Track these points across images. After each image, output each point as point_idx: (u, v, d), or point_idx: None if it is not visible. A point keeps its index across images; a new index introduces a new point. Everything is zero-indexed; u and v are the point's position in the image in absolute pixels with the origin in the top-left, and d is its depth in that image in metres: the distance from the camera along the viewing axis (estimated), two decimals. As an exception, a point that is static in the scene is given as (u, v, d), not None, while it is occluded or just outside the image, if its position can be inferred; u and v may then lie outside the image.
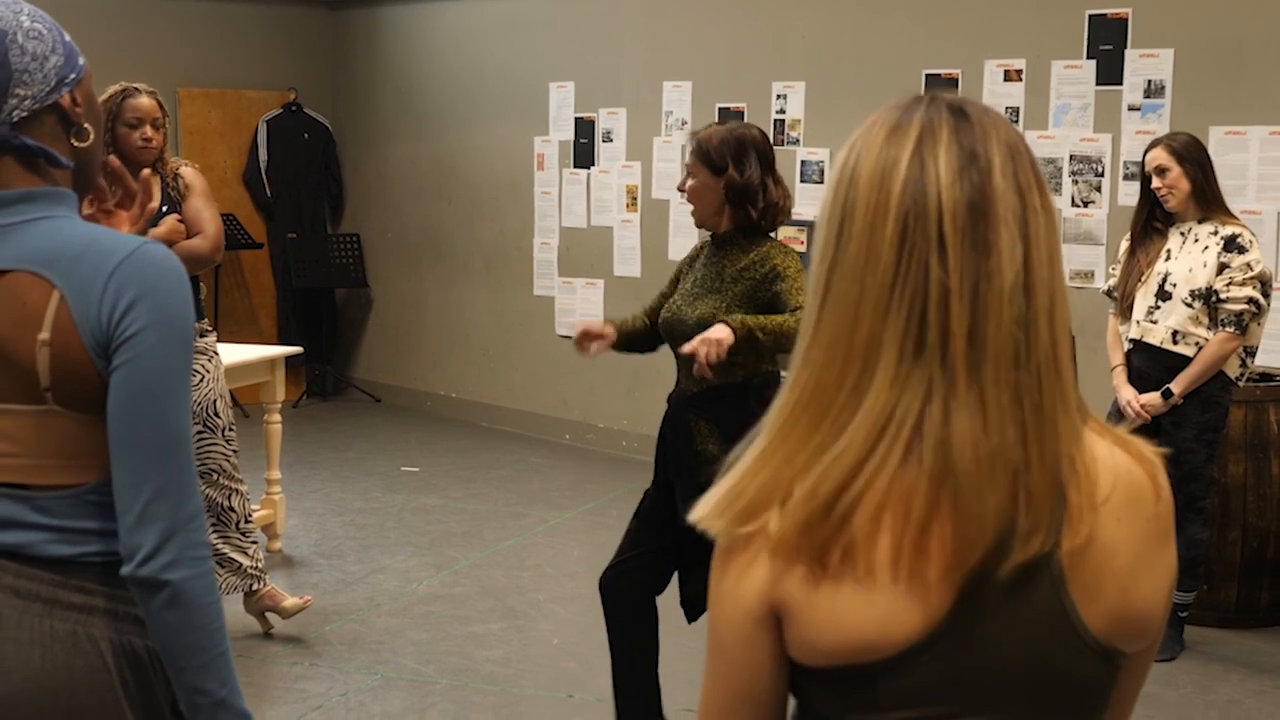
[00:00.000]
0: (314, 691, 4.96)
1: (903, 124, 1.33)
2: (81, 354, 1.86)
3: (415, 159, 10.16)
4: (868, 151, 1.34)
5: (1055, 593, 1.30)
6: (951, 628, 1.30)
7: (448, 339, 10.10)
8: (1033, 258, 1.30)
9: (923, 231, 1.29)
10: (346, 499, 7.72)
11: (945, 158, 1.30)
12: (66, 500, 1.92)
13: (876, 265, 1.30)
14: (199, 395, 5.28)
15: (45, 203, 1.93)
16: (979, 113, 1.35)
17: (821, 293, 1.34)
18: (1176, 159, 5.06)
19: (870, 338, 1.30)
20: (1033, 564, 1.29)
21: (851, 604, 1.29)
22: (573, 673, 5.18)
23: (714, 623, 1.40)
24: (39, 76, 1.91)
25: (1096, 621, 1.32)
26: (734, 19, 8.11)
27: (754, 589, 1.34)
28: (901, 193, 1.30)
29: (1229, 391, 5.17)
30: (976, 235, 1.29)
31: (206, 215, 5.27)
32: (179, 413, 1.88)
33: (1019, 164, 1.32)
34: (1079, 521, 1.30)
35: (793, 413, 1.33)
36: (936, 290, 1.28)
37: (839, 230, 1.34)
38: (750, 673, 1.38)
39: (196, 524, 1.88)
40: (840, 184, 1.35)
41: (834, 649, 1.32)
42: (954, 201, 1.29)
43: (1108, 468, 1.33)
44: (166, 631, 1.87)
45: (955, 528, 1.28)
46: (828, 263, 1.34)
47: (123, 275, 1.86)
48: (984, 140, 1.32)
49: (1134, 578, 1.33)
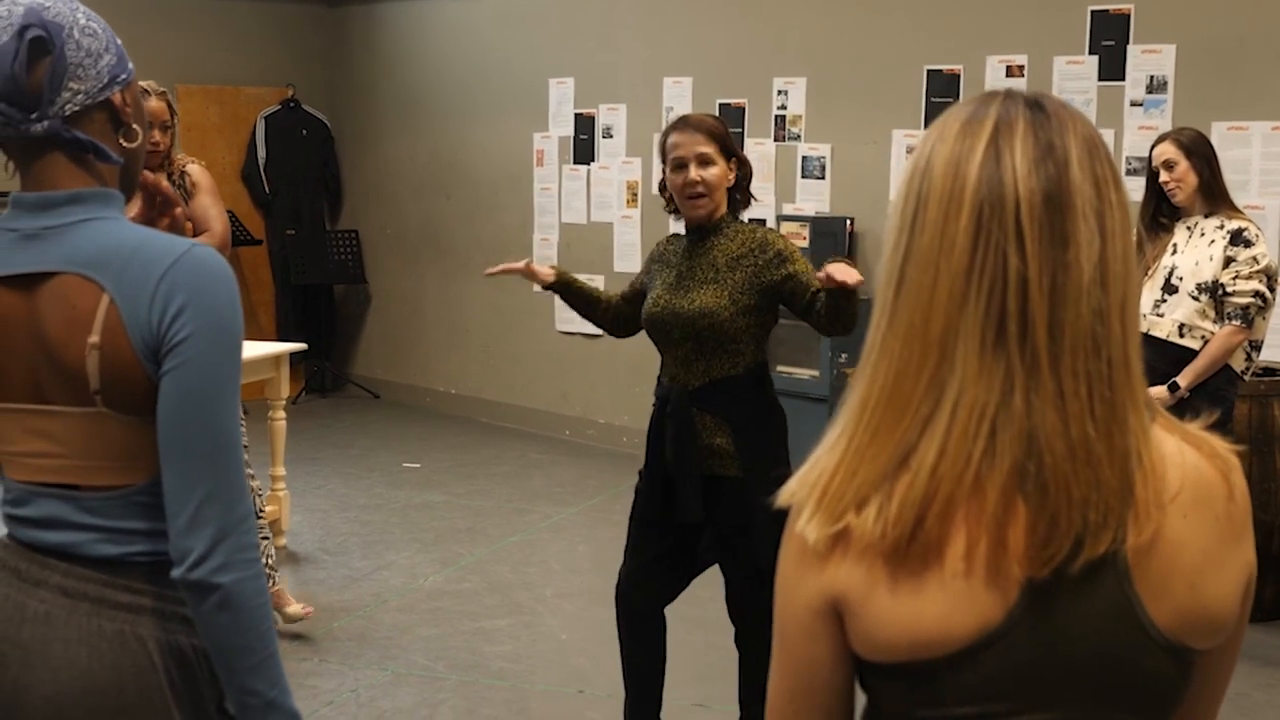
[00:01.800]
0: (325, 688, 4.97)
1: (978, 116, 1.34)
2: (131, 357, 1.86)
3: (414, 155, 10.15)
4: (942, 142, 1.34)
5: (1121, 588, 1.31)
6: (1017, 623, 1.30)
7: (447, 335, 10.10)
8: (1108, 252, 1.30)
9: (999, 221, 1.29)
10: (350, 495, 7.73)
11: (1022, 149, 1.30)
12: (114, 501, 1.93)
13: (951, 254, 1.30)
14: None
15: (93, 204, 1.94)
16: (1056, 106, 1.35)
17: (896, 282, 1.34)
18: (1184, 153, 5.09)
19: (946, 327, 1.30)
20: (1099, 560, 1.29)
21: (917, 599, 1.30)
22: (582, 668, 5.19)
23: (779, 614, 1.41)
24: (93, 73, 1.92)
25: (1164, 618, 1.32)
26: (734, 14, 8.12)
27: (818, 583, 1.35)
28: (977, 182, 1.30)
29: (1235, 385, 5.20)
30: (1054, 227, 1.29)
31: (214, 213, 5.28)
32: (229, 416, 1.89)
33: (1096, 158, 1.32)
34: (1145, 518, 1.30)
35: (875, 406, 1.33)
36: (1015, 280, 1.28)
37: (913, 219, 1.34)
38: (811, 665, 1.39)
39: (247, 526, 1.89)
40: (915, 173, 1.35)
41: (896, 644, 1.32)
42: (1030, 192, 1.29)
43: (1176, 465, 1.34)
44: (217, 634, 1.88)
45: (1036, 522, 1.28)
46: (901, 251, 1.34)
47: (173, 279, 1.86)
48: (1061, 133, 1.32)
49: (1203, 575, 1.33)
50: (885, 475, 1.31)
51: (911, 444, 1.31)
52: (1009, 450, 1.28)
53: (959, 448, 1.28)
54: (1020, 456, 1.28)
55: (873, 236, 7.45)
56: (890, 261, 1.36)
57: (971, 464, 1.28)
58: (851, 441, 1.34)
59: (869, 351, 1.36)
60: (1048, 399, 1.28)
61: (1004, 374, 1.29)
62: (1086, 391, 1.28)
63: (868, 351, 1.37)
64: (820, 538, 1.33)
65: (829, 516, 1.33)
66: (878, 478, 1.31)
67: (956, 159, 1.32)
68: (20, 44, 1.86)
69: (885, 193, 7.42)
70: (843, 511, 1.32)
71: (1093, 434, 1.28)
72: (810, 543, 1.34)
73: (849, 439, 1.35)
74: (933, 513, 1.29)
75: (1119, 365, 1.30)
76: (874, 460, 1.32)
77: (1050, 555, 1.28)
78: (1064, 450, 1.27)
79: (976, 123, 1.33)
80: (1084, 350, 1.28)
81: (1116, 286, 1.31)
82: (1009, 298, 1.28)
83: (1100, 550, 1.28)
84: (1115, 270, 1.31)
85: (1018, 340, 1.28)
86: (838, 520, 1.32)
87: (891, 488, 1.30)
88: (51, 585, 1.93)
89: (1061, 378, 1.28)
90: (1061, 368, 1.28)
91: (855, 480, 1.32)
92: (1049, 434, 1.27)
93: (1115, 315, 1.30)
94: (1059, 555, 1.27)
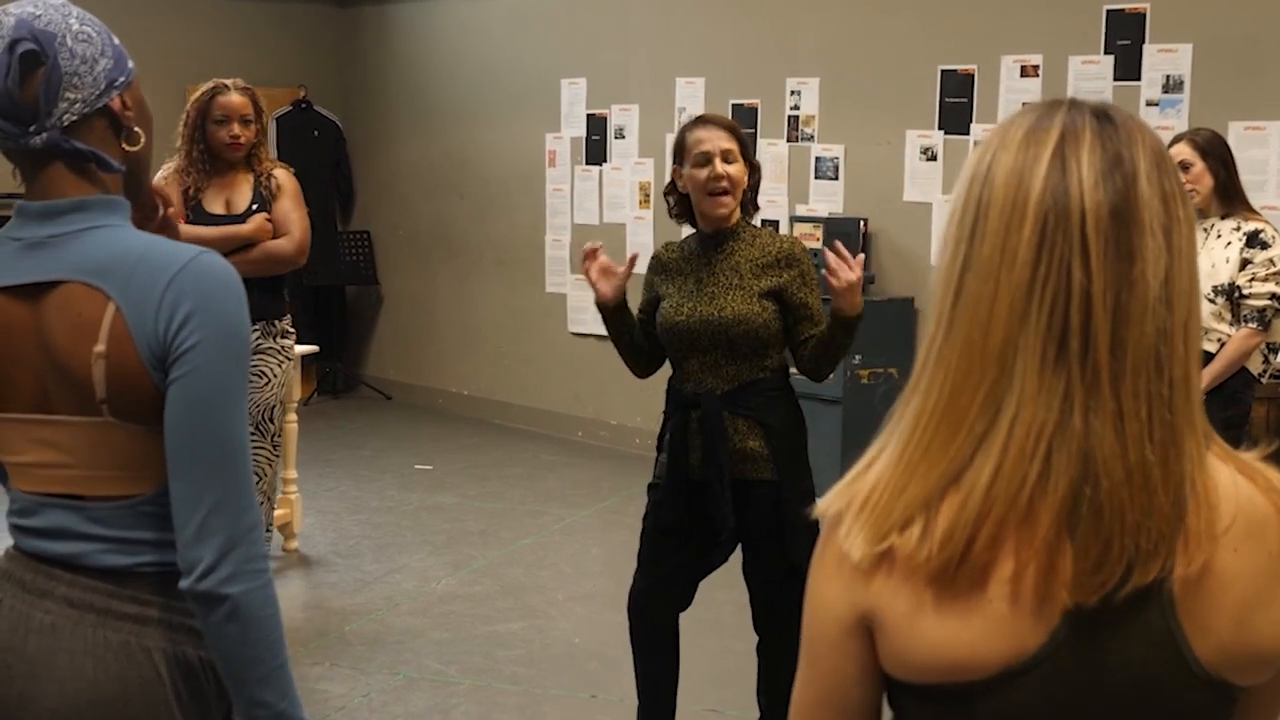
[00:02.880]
0: (336, 693, 4.95)
1: (1043, 124, 1.29)
2: (138, 366, 1.84)
3: (426, 156, 10.14)
4: (1004, 149, 1.30)
5: (1164, 620, 1.26)
6: (1057, 650, 1.26)
7: (459, 336, 10.08)
8: (1175, 269, 1.26)
9: (1064, 234, 1.24)
10: (362, 498, 7.71)
11: (1089, 160, 1.26)
12: (121, 511, 1.91)
13: (1013, 266, 1.26)
14: (261, 396, 5.29)
15: (98, 211, 1.91)
16: (1124, 118, 1.31)
17: (954, 293, 1.30)
18: (1200, 154, 5.05)
19: (1006, 341, 1.26)
20: (1145, 589, 1.25)
21: (957, 622, 1.26)
22: (595, 673, 5.17)
23: (808, 627, 1.38)
24: (89, 80, 1.89)
25: (1207, 653, 1.27)
26: (747, 14, 8.09)
27: (855, 599, 1.31)
28: (1042, 192, 1.26)
29: (1252, 388, 5.15)
30: (1120, 241, 1.24)
31: (294, 218, 5.35)
32: (236, 424, 1.87)
33: (1164, 172, 1.28)
34: (1196, 549, 1.26)
35: (929, 420, 1.29)
36: (1079, 295, 1.24)
37: (972, 228, 1.29)
38: (837, 680, 1.36)
39: (255, 536, 1.86)
40: (974, 180, 1.31)
41: (931, 666, 1.29)
42: (1097, 204, 1.25)
43: (1229, 496, 1.29)
44: (226, 645, 1.86)
45: (1088, 547, 1.24)
46: (960, 261, 1.30)
47: (179, 286, 1.84)
48: (1129, 145, 1.28)
49: (1250, 611, 1.28)
50: (935, 493, 1.27)
51: (965, 461, 1.27)
52: (1065, 472, 1.24)
53: (1015, 468, 1.24)
54: (1076, 479, 1.24)
55: (886, 237, 7.42)
56: (948, 271, 1.31)
57: (1027, 485, 1.24)
58: (903, 456, 1.30)
59: (923, 364, 1.32)
60: (1107, 420, 1.24)
61: (1064, 392, 1.25)
62: (1147, 413, 1.24)
63: (921, 364, 1.32)
64: (866, 555, 1.29)
65: (875, 533, 1.29)
66: (927, 495, 1.27)
67: (1020, 168, 1.27)
68: (11, 59, 1.83)
69: (899, 193, 7.39)
70: (889, 529, 1.28)
71: (1151, 458, 1.24)
72: (855, 559, 1.30)
73: (900, 453, 1.31)
74: (983, 535, 1.25)
75: (1180, 387, 1.26)
76: (925, 477, 1.28)
77: (1101, 582, 1.24)
78: (1121, 474, 1.23)
79: (1042, 131, 1.29)
80: (1146, 370, 1.24)
81: (1181, 305, 1.26)
82: (1072, 313, 1.24)
83: (1148, 579, 1.24)
84: (1181, 288, 1.26)
85: (1079, 357, 1.24)
86: (883, 538, 1.28)
87: (940, 506, 1.26)
88: (57, 596, 1.91)
89: (1122, 398, 1.24)
90: (1123, 388, 1.24)
91: (904, 497, 1.28)
92: (1107, 456, 1.23)
93: (1179, 335, 1.26)
94: (1110, 582, 1.24)
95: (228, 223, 5.20)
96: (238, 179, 5.29)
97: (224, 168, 5.27)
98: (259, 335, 5.31)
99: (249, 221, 5.20)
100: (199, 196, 5.22)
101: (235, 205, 5.26)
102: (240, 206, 5.26)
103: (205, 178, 5.22)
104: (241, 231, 5.19)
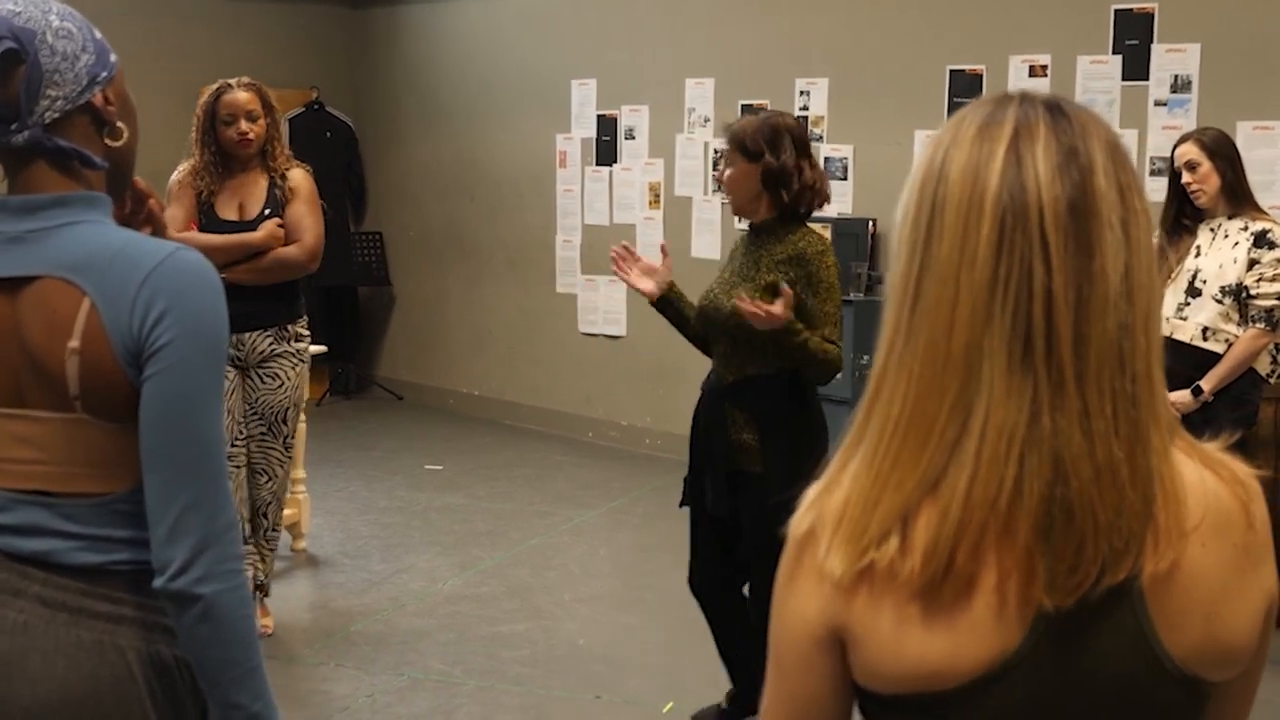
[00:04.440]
0: (339, 693, 4.95)
1: (996, 119, 1.27)
2: (112, 363, 1.84)
3: (437, 157, 10.14)
4: (957, 146, 1.27)
5: (1136, 618, 1.25)
6: (1031, 654, 1.24)
7: (470, 337, 10.08)
8: (1134, 262, 1.24)
9: (1023, 230, 1.22)
10: (371, 498, 7.71)
11: (1044, 154, 1.23)
12: (95, 508, 1.91)
13: (973, 265, 1.23)
14: (274, 398, 5.24)
15: (78, 207, 1.91)
16: (1076, 109, 1.28)
17: (912, 297, 1.27)
18: (1207, 154, 5.01)
19: (970, 344, 1.23)
20: (1117, 587, 1.23)
21: (937, 633, 1.24)
22: (600, 674, 5.16)
23: (774, 640, 1.35)
24: (70, 76, 1.89)
25: (1179, 650, 1.26)
26: (756, 15, 8.07)
27: (826, 614, 1.29)
28: (998, 189, 1.23)
29: (1259, 389, 5.13)
30: (1080, 236, 1.22)
31: (308, 223, 5.23)
32: (211, 423, 1.86)
33: (1119, 164, 1.26)
34: (1166, 546, 1.24)
35: (896, 430, 1.26)
36: (1041, 292, 1.21)
37: (928, 228, 1.27)
38: (808, 694, 1.33)
39: (230, 536, 1.86)
40: (927, 180, 1.28)
41: (909, 676, 1.26)
42: (1054, 199, 1.22)
43: (1196, 491, 1.27)
44: (199, 646, 1.86)
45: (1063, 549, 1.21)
46: (917, 263, 1.27)
47: (154, 283, 1.83)
48: (1084, 138, 1.25)
49: (1219, 607, 1.27)
50: (911, 504, 1.24)
51: (940, 470, 1.24)
52: (1038, 475, 1.21)
53: (990, 473, 1.22)
54: (1049, 481, 1.21)
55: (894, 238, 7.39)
56: (904, 275, 1.28)
57: (1004, 491, 1.21)
58: (872, 467, 1.27)
59: (882, 372, 1.29)
60: (1073, 419, 1.21)
61: (1031, 393, 1.22)
62: (1112, 410, 1.22)
63: (880, 372, 1.29)
64: (847, 572, 1.26)
65: (854, 550, 1.26)
66: (903, 507, 1.24)
67: (975, 165, 1.25)
68: None
69: (908, 194, 7.36)
70: (867, 545, 1.25)
71: (1118, 455, 1.22)
72: (836, 577, 1.26)
73: (869, 464, 1.28)
74: (965, 545, 1.22)
75: (1143, 381, 1.24)
76: (898, 488, 1.25)
77: (1077, 584, 1.22)
78: (1090, 473, 1.21)
79: (995, 126, 1.26)
80: (1110, 366, 1.22)
81: (1141, 298, 1.24)
82: (1035, 311, 1.21)
83: (1120, 578, 1.23)
84: (1141, 281, 1.24)
85: (1044, 357, 1.22)
86: (863, 554, 1.25)
87: (918, 518, 1.24)
88: (30, 595, 1.90)
89: (1087, 396, 1.22)
90: (1087, 385, 1.22)
91: (878, 510, 1.25)
92: (1075, 456, 1.21)
93: (1140, 329, 1.24)
94: (1085, 583, 1.22)
95: (239, 229, 5.09)
96: (252, 180, 5.17)
97: (238, 169, 5.16)
98: (272, 340, 5.22)
99: (260, 228, 5.08)
100: (212, 200, 5.12)
101: (248, 209, 5.14)
102: (253, 211, 5.15)
103: (218, 181, 5.12)
104: (252, 240, 5.08)
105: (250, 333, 5.17)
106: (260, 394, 5.22)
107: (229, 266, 4.97)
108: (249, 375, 5.21)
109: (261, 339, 5.20)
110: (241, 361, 5.18)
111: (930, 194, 1.27)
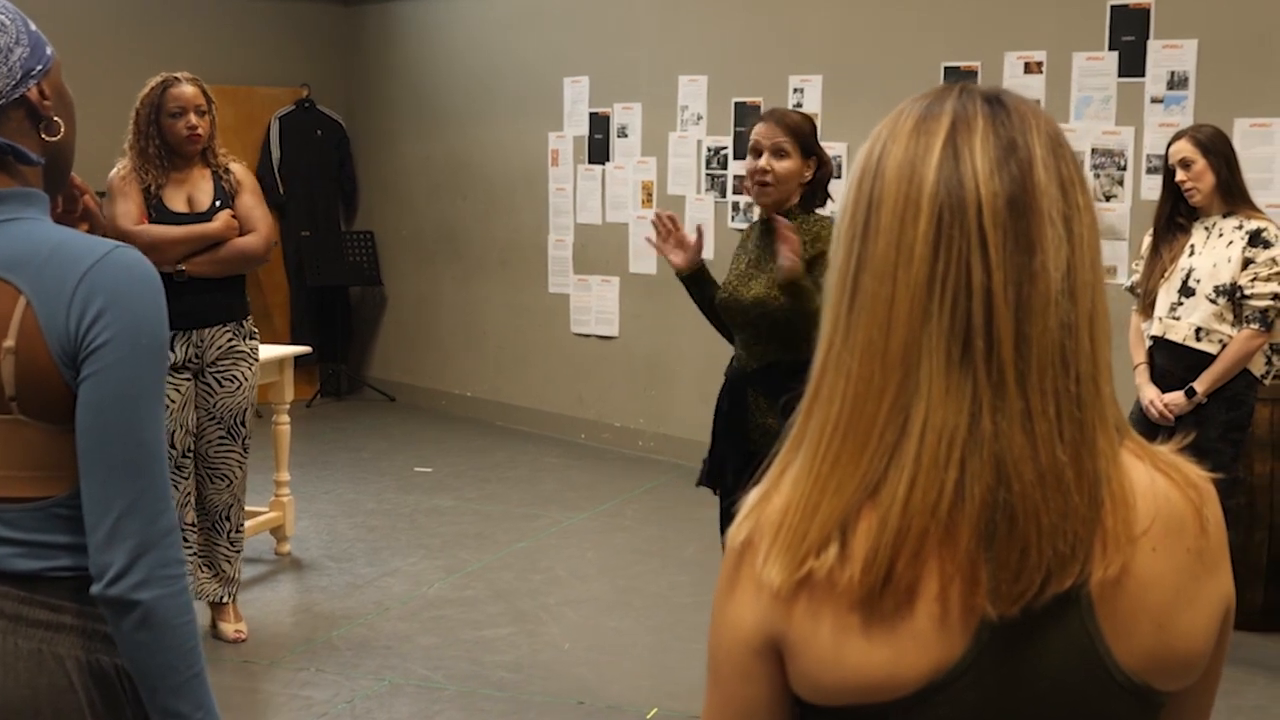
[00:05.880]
0: (319, 699, 4.87)
1: (933, 112, 1.24)
2: (48, 363, 1.77)
3: (429, 155, 10.08)
4: (894, 141, 1.24)
5: (1083, 626, 1.20)
6: (974, 664, 1.20)
7: (463, 337, 10.02)
8: (1076, 259, 1.20)
9: (961, 227, 1.19)
10: (358, 500, 7.64)
11: (982, 148, 1.20)
12: (33, 513, 1.83)
13: (910, 263, 1.20)
14: (234, 401, 5.22)
15: (13, 204, 1.84)
16: (1016, 102, 1.25)
17: (850, 294, 1.24)
18: (1202, 151, 4.94)
19: (908, 343, 1.20)
20: (1063, 595, 1.19)
21: (877, 643, 1.20)
22: (584, 679, 5.09)
23: (712, 650, 1.31)
24: (3, 70, 1.82)
25: (1128, 659, 1.22)
26: (750, 12, 8.01)
27: (757, 620, 1.25)
28: (935, 184, 1.20)
29: (1254, 389, 5.05)
30: (1019, 232, 1.19)
31: (258, 213, 5.27)
32: (150, 425, 1.79)
33: (1061, 158, 1.22)
34: (1114, 551, 1.20)
35: (835, 431, 1.22)
36: (979, 291, 1.18)
37: (864, 225, 1.23)
38: (746, 705, 1.29)
39: (170, 541, 1.79)
40: (864, 175, 1.25)
41: (849, 687, 1.22)
42: (993, 195, 1.19)
43: (1146, 495, 1.23)
44: (138, 653, 1.79)
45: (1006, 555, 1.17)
46: (854, 260, 1.24)
47: (92, 281, 1.77)
48: (1024, 131, 1.22)
49: (1171, 614, 1.23)
50: (850, 510, 1.20)
51: (879, 474, 1.20)
52: (980, 478, 1.17)
53: (930, 478, 1.18)
54: (991, 485, 1.17)
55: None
56: (842, 272, 1.25)
57: (944, 496, 1.18)
58: (811, 470, 1.23)
59: (821, 371, 1.26)
60: (1015, 420, 1.18)
61: (971, 394, 1.18)
62: (1055, 411, 1.18)
63: (820, 371, 1.26)
64: (786, 583, 1.21)
65: (792, 559, 1.21)
66: (843, 513, 1.20)
67: (912, 159, 1.22)
68: None
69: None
70: (806, 553, 1.21)
71: (1062, 458, 1.18)
72: (775, 586, 1.22)
73: (808, 468, 1.24)
74: (905, 553, 1.18)
75: (1087, 382, 1.20)
76: (838, 493, 1.21)
77: (1021, 591, 1.17)
78: (1033, 476, 1.17)
79: (932, 120, 1.23)
80: (1052, 366, 1.19)
81: (1085, 296, 1.21)
82: (974, 310, 1.18)
83: (1066, 584, 1.18)
84: (1084, 279, 1.21)
85: (984, 356, 1.18)
86: (802, 563, 1.21)
87: (858, 525, 1.19)
88: None
89: (1029, 396, 1.18)
90: (1029, 386, 1.18)
91: (817, 516, 1.21)
92: (1017, 458, 1.17)
93: (1084, 328, 1.21)
94: (1030, 591, 1.17)
95: (192, 221, 5.09)
96: (195, 174, 5.16)
97: (181, 163, 5.14)
98: (231, 336, 5.23)
99: (216, 219, 5.10)
100: (160, 194, 5.09)
101: (198, 202, 5.14)
102: (203, 203, 5.15)
103: (164, 174, 5.10)
104: (210, 230, 5.10)
105: (210, 328, 5.18)
106: (219, 398, 5.22)
107: (189, 258, 5.02)
108: (204, 379, 5.19)
109: (221, 334, 5.22)
110: (197, 362, 5.16)
111: (867, 190, 1.24)
